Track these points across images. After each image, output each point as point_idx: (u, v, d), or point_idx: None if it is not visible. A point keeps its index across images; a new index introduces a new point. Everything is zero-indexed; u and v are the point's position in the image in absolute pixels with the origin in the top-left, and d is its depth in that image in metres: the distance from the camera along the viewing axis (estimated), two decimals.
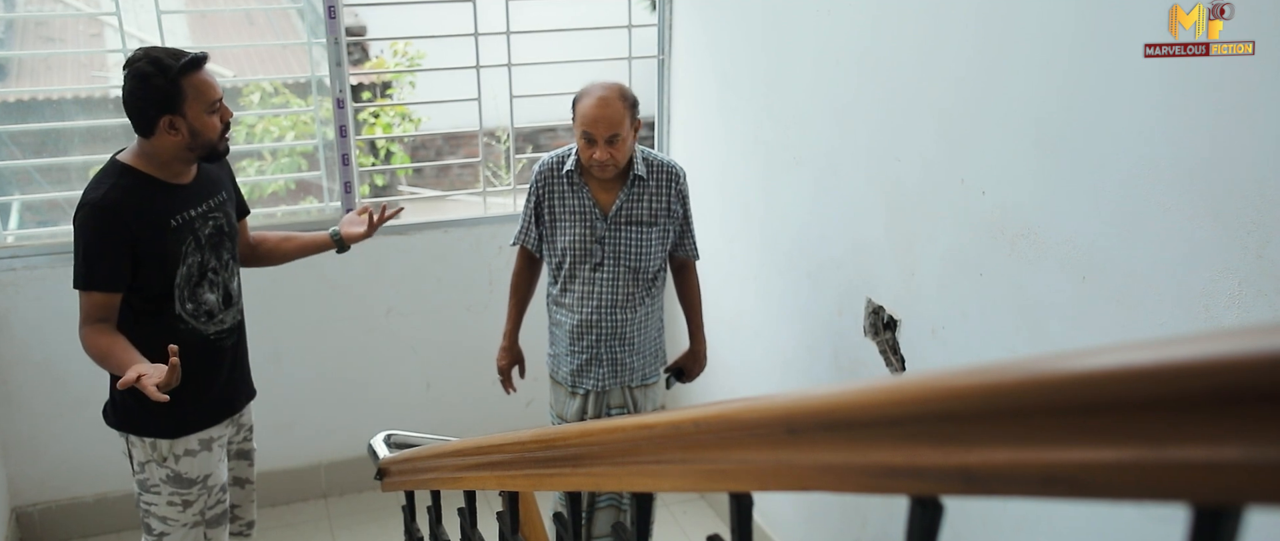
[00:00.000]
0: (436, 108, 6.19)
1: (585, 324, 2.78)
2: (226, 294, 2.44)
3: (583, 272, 2.75)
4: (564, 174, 2.74)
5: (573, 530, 1.27)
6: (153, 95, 2.16)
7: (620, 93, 2.64)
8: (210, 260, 2.36)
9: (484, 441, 1.38)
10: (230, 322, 2.47)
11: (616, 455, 0.93)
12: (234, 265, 2.49)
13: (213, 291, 2.39)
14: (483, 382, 3.86)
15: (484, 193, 3.81)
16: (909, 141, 2.37)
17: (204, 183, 2.39)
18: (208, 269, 2.36)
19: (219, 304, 2.41)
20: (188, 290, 2.32)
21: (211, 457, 2.44)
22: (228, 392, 2.50)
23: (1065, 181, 1.92)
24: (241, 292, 2.53)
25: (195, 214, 2.32)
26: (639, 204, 2.73)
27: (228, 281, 2.45)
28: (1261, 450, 0.37)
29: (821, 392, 0.63)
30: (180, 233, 2.29)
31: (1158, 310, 1.74)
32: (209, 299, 2.38)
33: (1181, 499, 0.42)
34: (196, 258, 2.32)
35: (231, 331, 2.48)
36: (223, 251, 2.42)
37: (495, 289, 3.74)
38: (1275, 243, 1.53)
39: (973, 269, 2.20)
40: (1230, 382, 0.37)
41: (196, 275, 2.33)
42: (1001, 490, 0.51)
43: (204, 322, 2.38)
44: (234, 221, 2.51)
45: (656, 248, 2.77)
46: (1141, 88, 1.72)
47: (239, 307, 2.52)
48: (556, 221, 2.76)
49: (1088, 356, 0.43)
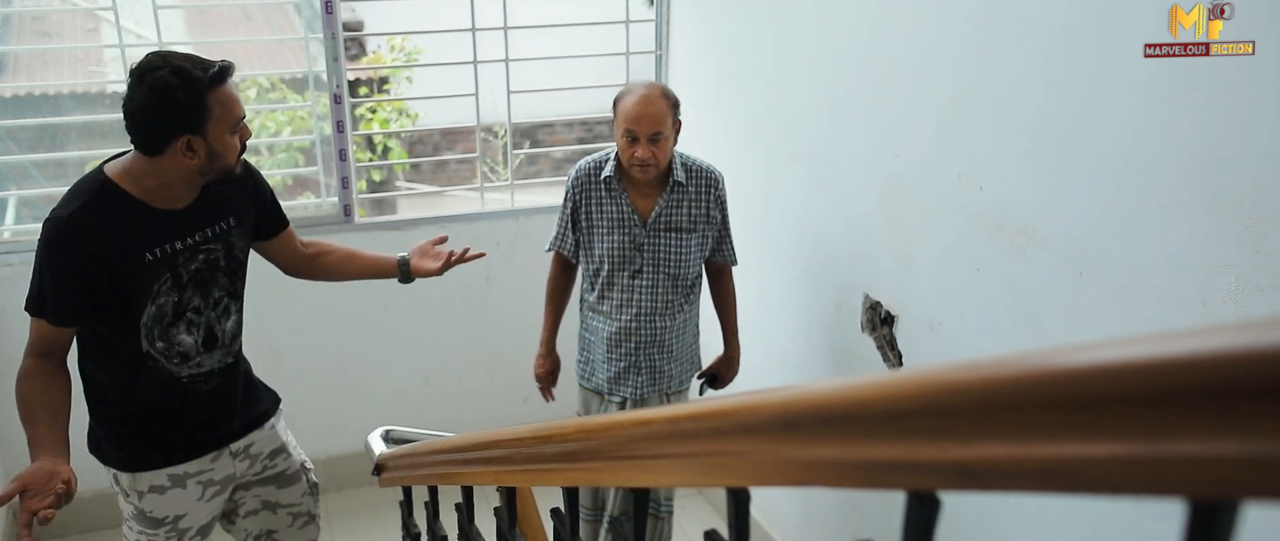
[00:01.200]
0: (434, 103, 6.18)
1: (624, 331, 2.72)
2: (209, 336, 2.11)
3: (621, 279, 2.70)
4: (602, 180, 2.68)
5: (570, 526, 1.27)
6: (173, 112, 1.85)
7: (662, 91, 2.59)
8: (191, 299, 2.05)
9: (481, 436, 1.38)
10: (211, 367, 2.14)
11: (614, 450, 0.93)
12: (230, 303, 2.16)
13: (191, 333, 2.07)
14: (480, 378, 3.86)
15: (481, 188, 3.81)
16: (906, 137, 2.37)
17: (204, 209, 2.06)
18: (187, 308, 2.05)
19: (196, 347, 2.09)
20: (158, 330, 2.03)
21: (185, 496, 2.16)
22: (210, 431, 2.20)
23: (1063, 177, 1.92)
24: (236, 335, 2.21)
25: (181, 247, 2.01)
26: (678, 210, 2.67)
27: (215, 322, 2.12)
28: (1257, 445, 0.37)
29: (819, 388, 0.63)
30: (154, 269, 1.98)
31: (1155, 305, 1.75)
32: (184, 341, 2.07)
33: (1178, 494, 0.42)
34: (172, 297, 2.02)
35: (211, 376, 2.15)
36: (213, 289, 2.10)
37: (493, 285, 3.74)
38: (1272, 238, 1.53)
39: (970, 264, 2.20)
40: (1226, 377, 0.37)
41: (170, 315, 2.03)
42: (998, 485, 0.51)
43: (176, 364, 2.08)
44: (240, 253, 2.17)
45: (696, 254, 2.72)
46: (1138, 84, 1.72)
47: (230, 350, 2.18)
48: (593, 228, 2.70)
49: (1084, 351, 0.43)
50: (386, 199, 6.02)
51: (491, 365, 3.86)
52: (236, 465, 2.26)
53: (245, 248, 2.20)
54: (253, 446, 2.28)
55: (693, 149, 3.63)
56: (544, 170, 6.87)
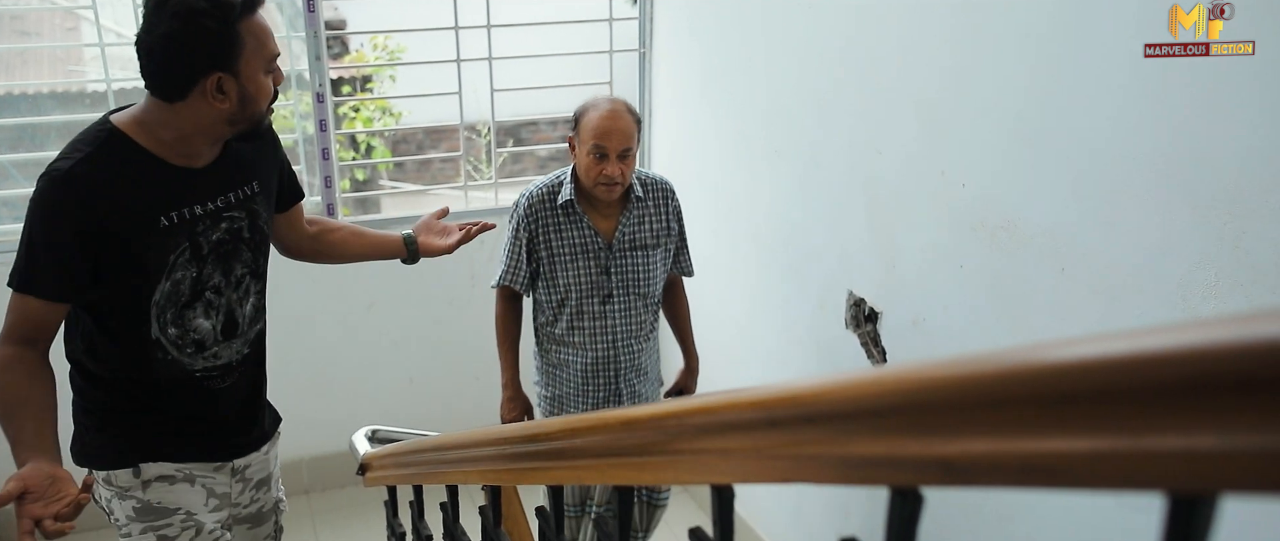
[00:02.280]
0: (417, 102, 6.16)
1: (601, 361, 2.59)
2: (229, 321, 1.82)
3: (591, 307, 2.56)
4: (559, 205, 2.52)
5: (556, 525, 1.27)
6: (204, 42, 1.56)
7: (627, 106, 2.48)
8: (212, 276, 1.76)
9: (467, 436, 1.38)
10: (228, 358, 1.85)
11: (599, 449, 0.93)
12: (252, 283, 1.86)
13: (210, 316, 1.78)
14: (465, 377, 3.85)
15: (465, 187, 3.80)
16: (890, 134, 2.38)
17: (228, 168, 1.77)
18: (206, 287, 1.76)
19: (215, 333, 1.80)
20: (171, 312, 1.73)
21: (194, 493, 1.88)
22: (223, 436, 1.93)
23: (1045, 174, 1.93)
24: (259, 319, 1.91)
25: (202, 212, 1.72)
26: (641, 227, 2.57)
27: (236, 305, 1.83)
28: (1235, 438, 0.37)
29: (802, 384, 0.63)
30: (172, 236, 1.69)
31: (1136, 301, 1.76)
32: (201, 326, 1.78)
33: (1157, 488, 0.42)
34: (190, 271, 1.72)
35: (228, 371, 1.86)
36: (236, 265, 1.81)
37: (477, 283, 3.73)
38: (1252, 234, 1.54)
39: (953, 261, 2.21)
40: (1204, 372, 0.37)
41: (187, 294, 1.74)
42: (980, 480, 0.51)
43: (189, 355, 1.78)
44: (264, 223, 1.88)
45: (660, 270, 2.63)
46: (1119, 81, 1.73)
47: (249, 339, 1.89)
48: (555, 257, 2.54)
49: (1065, 347, 0.44)
50: (370, 198, 6.00)
51: (476, 364, 3.85)
52: (232, 485, 1.97)
53: (269, 217, 1.90)
54: (249, 468, 2.00)
55: (677, 146, 3.63)
56: (528, 168, 6.86)
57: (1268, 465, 0.37)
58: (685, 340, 2.85)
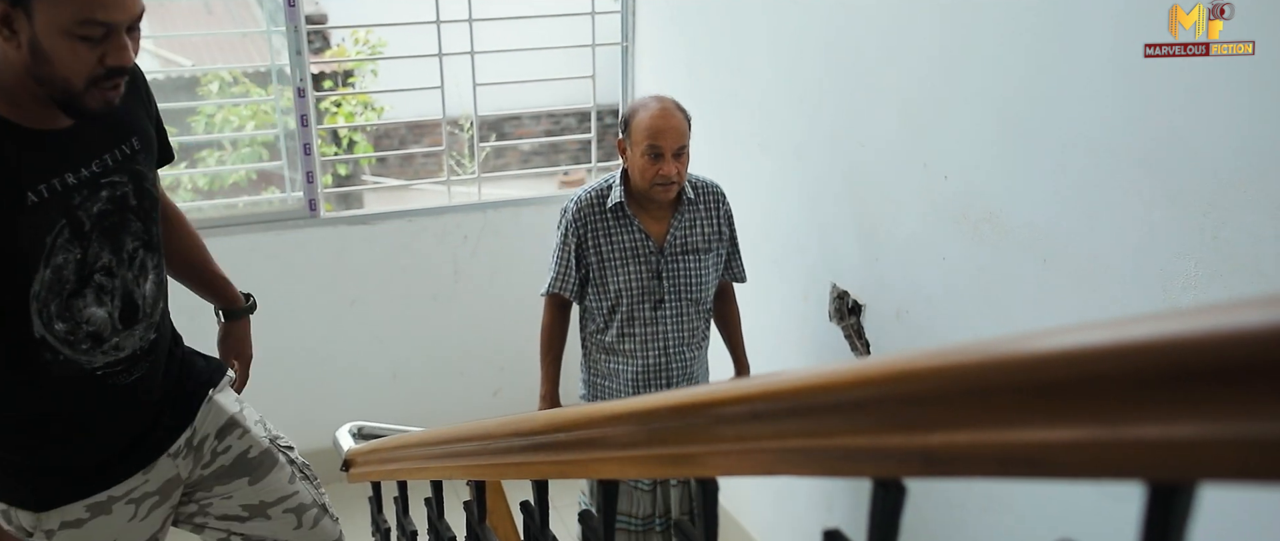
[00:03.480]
0: (399, 96, 6.14)
1: (653, 369, 2.52)
2: (128, 305, 1.51)
3: (642, 313, 2.49)
4: (609, 209, 2.46)
5: (540, 519, 1.27)
6: None
7: (677, 104, 2.42)
8: (100, 255, 1.46)
9: (451, 431, 1.38)
10: (132, 348, 1.54)
11: (583, 443, 0.93)
12: (147, 258, 1.55)
13: (103, 303, 1.48)
14: (449, 372, 3.85)
15: (448, 182, 3.79)
16: (872, 127, 2.38)
17: (98, 126, 1.46)
18: (95, 269, 1.46)
19: (111, 322, 1.49)
20: (56, 304, 1.43)
21: (111, 522, 1.59)
22: (138, 442, 1.62)
23: (1026, 166, 1.94)
24: (160, 296, 1.61)
25: (76, 181, 1.42)
26: (692, 230, 2.50)
27: (133, 285, 1.52)
28: (1213, 427, 0.37)
29: (785, 377, 0.64)
30: (45, 213, 1.39)
31: (1116, 291, 1.77)
32: (94, 315, 1.47)
33: (1137, 477, 0.42)
34: (72, 254, 1.42)
35: (134, 363, 1.55)
36: (126, 239, 1.50)
37: (460, 278, 3.73)
38: (1231, 225, 1.55)
39: (936, 253, 2.22)
40: (1183, 361, 0.38)
41: (73, 281, 1.43)
42: (962, 471, 0.51)
43: (85, 351, 1.48)
44: (151, 186, 1.57)
45: (712, 275, 2.56)
46: (1103, 75, 1.74)
47: (153, 323, 1.58)
48: (605, 262, 2.47)
49: (1045, 337, 0.44)
50: (353, 193, 5.98)
51: (460, 359, 3.85)
52: (179, 465, 1.69)
53: (155, 178, 1.61)
54: (194, 436, 1.72)
55: None
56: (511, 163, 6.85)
57: (1246, 453, 0.37)
58: (736, 349, 2.77)
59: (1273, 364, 0.34)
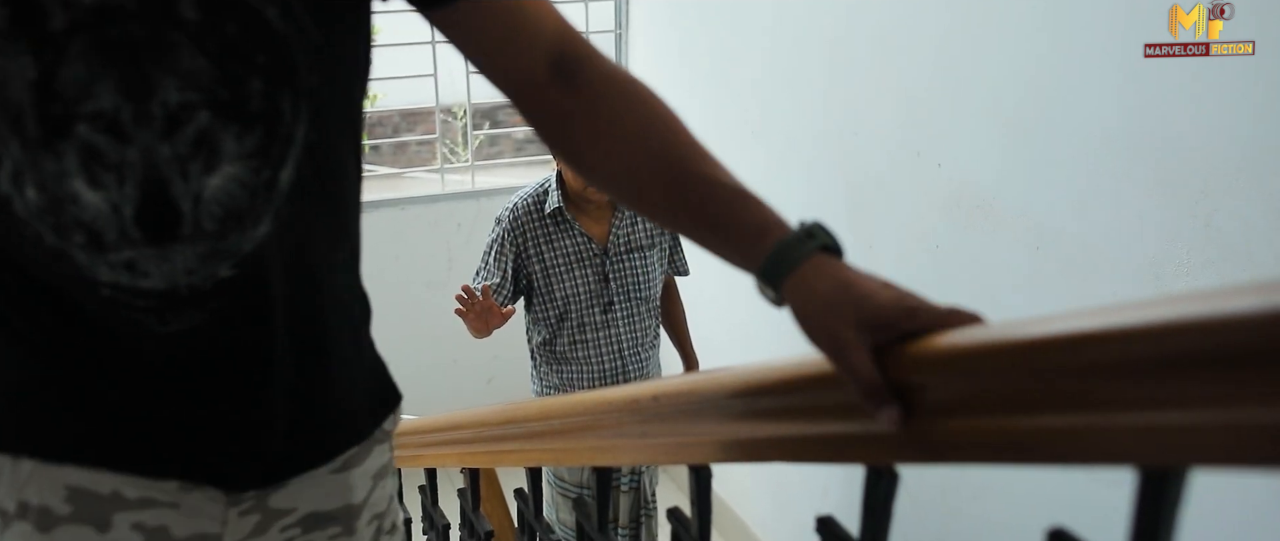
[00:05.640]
0: (392, 84, 6.10)
1: (609, 374, 2.43)
2: (156, 202, 0.69)
3: (593, 318, 2.39)
4: (548, 214, 2.35)
5: (533, 505, 1.27)
6: None
7: None
8: (91, 90, 0.64)
9: (444, 419, 1.38)
10: (169, 280, 0.73)
11: (577, 431, 0.93)
12: (237, 131, 0.69)
13: (99, 183, 0.68)
14: (443, 360, 3.85)
15: (442, 170, 3.78)
16: (866, 116, 2.38)
17: None
18: (76, 112, 0.65)
19: (117, 220, 0.69)
20: (17, 147, 0.66)
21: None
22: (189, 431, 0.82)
23: (1020, 154, 1.94)
24: (266, 208, 0.73)
25: None
26: (635, 227, 2.41)
27: (174, 169, 0.69)
28: (1202, 413, 0.37)
29: (779, 365, 0.64)
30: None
31: (1110, 278, 1.77)
32: (83, 197, 0.68)
33: (1129, 462, 0.42)
34: (18, 63, 0.63)
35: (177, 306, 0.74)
36: (166, 77, 0.65)
37: (454, 266, 3.72)
38: (1223, 212, 1.56)
39: (930, 241, 2.22)
40: (1175, 347, 0.38)
41: (34, 121, 0.65)
42: (955, 457, 0.51)
43: (81, 247, 0.70)
44: None
45: (658, 271, 2.47)
46: (1097, 70, 1.74)
47: (234, 251, 0.73)
48: (550, 270, 2.37)
49: (1038, 324, 0.44)
50: None
51: (454, 347, 3.84)
52: (238, 525, 0.86)
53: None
54: (279, 499, 0.89)
55: None
56: (505, 151, 6.83)
57: (1237, 439, 0.37)
58: (683, 345, 2.70)
59: (1264, 349, 0.34)
